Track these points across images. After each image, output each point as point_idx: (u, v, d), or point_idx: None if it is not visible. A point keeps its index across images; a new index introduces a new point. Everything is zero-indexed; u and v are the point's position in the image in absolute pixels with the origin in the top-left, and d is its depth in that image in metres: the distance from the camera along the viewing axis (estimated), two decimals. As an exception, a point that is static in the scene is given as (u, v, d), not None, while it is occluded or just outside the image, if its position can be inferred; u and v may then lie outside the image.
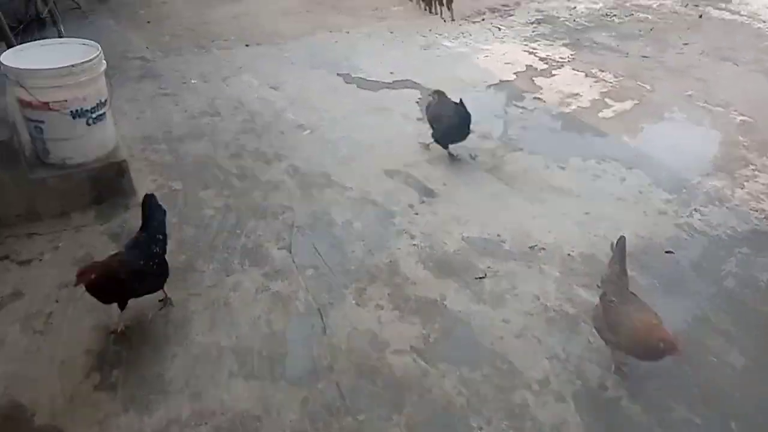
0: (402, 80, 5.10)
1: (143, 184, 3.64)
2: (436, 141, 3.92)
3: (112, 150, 3.40)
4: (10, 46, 4.31)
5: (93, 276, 2.40)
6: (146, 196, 2.78)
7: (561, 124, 4.43)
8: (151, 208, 2.74)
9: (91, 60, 3.05)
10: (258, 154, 4.02)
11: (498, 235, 3.22)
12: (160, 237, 2.70)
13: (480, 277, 2.92)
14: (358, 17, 6.75)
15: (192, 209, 3.45)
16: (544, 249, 3.11)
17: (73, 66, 2.97)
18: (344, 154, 4.01)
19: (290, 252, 3.11)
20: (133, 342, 2.59)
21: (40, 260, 3.03)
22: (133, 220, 3.30)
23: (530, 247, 3.12)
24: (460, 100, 3.77)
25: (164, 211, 2.80)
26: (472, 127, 3.83)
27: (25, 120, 3.13)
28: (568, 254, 3.06)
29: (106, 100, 3.25)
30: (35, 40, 4.79)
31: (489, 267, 2.99)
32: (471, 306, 2.76)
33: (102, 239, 3.18)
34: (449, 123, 3.82)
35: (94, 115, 3.18)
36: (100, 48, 3.19)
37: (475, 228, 3.28)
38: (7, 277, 2.91)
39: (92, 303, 2.69)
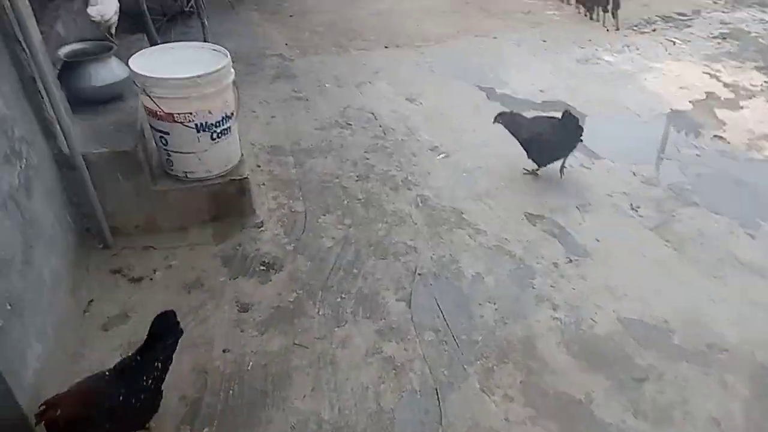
0: (553, 101, 4.50)
1: (264, 202, 3.42)
2: (535, 162, 3.58)
3: (236, 165, 3.19)
4: (152, 41, 4.29)
5: (60, 418, 1.81)
6: (160, 315, 2.08)
7: (751, 175, 3.64)
8: (163, 328, 2.07)
9: (218, 70, 2.82)
10: (386, 178, 3.66)
11: (665, 321, 2.61)
12: (159, 365, 2.04)
13: (640, 379, 2.35)
14: (508, 21, 6.18)
15: (310, 237, 3.16)
16: (726, 350, 2.46)
17: (198, 77, 2.76)
18: (481, 189, 3.54)
19: (409, 306, 2.72)
20: (228, 393, 2.33)
21: (151, 279, 2.88)
22: (247, 243, 3.10)
23: (708, 345, 2.48)
24: (566, 111, 3.42)
25: (181, 331, 2.15)
26: (633, 168, 3.21)
27: (152, 129, 2.99)
28: (762, 365, 2.39)
29: (232, 113, 3.03)
30: (179, 32, 4.82)
31: (651, 365, 2.41)
32: (626, 418, 2.21)
33: (215, 263, 2.98)
34: (550, 139, 3.45)
35: (218, 130, 2.97)
36: (228, 56, 2.96)
37: (635, 306, 2.69)
38: (117, 294, 2.78)
39: (193, 341, 2.50)
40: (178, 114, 2.84)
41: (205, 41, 5.04)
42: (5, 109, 2.30)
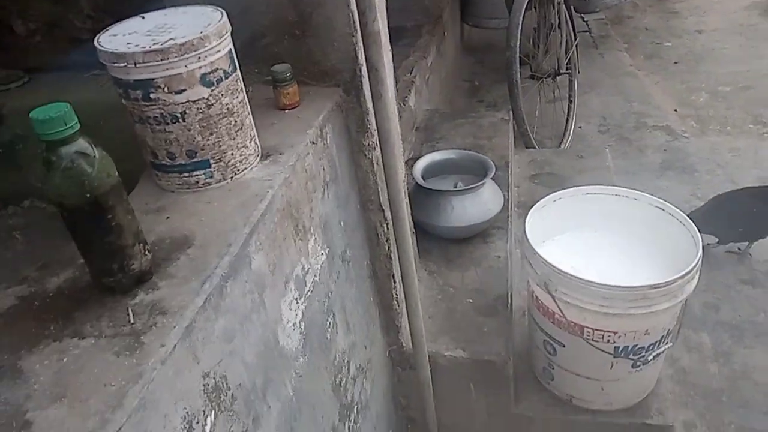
0: None
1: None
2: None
3: (647, 396, 1.90)
4: (517, 115, 3.22)
5: None
6: None
7: None
8: None
9: (684, 276, 1.54)
10: None
11: None
12: None
13: None
14: None
15: None
16: None
17: (651, 287, 1.52)
18: None
19: None
20: None
21: None
22: None
23: None
24: None
25: None
26: None
27: (534, 324, 1.87)
28: None
29: (673, 329, 1.74)
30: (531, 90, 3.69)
31: None
32: None
33: None
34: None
35: (650, 356, 1.71)
36: (700, 257, 1.63)
37: None
38: None
39: None
40: (590, 330, 1.66)
41: (570, 103, 3.86)
42: (344, 335, 1.38)
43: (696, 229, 1.67)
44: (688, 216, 1.73)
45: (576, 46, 3.83)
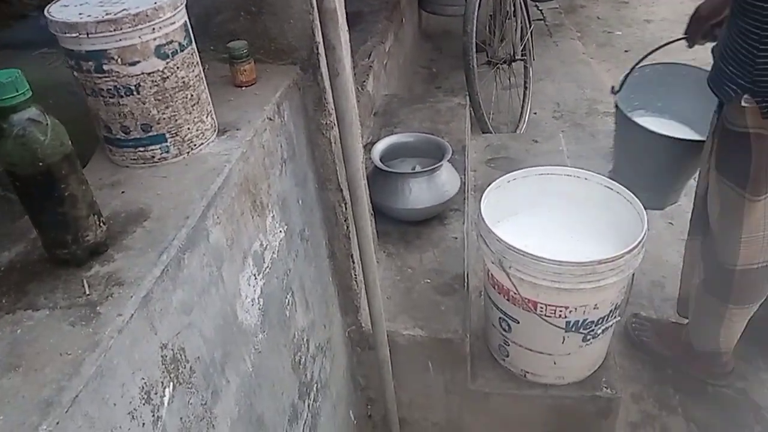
0: None
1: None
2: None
3: (597, 370, 1.98)
4: (472, 94, 3.27)
5: None
6: None
7: None
8: None
9: (631, 251, 1.61)
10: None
11: None
12: None
13: None
14: None
15: None
16: None
17: (599, 262, 1.59)
18: None
19: None
20: None
21: None
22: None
23: None
24: None
25: None
26: None
27: (490, 303, 1.92)
28: None
29: (620, 303, 1.81)
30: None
31: None
32: None
33: None
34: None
35: (599, 329, 1.79)
36: (646, 221, 1.71)
37: None
38: None
39: None
40: (543, 305, 1.72)
41: (525, 89, 3.93)
42: (303, 314, 1.39)
43: (642, 207, 1.74)
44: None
45: (531, 33, 3.90)
